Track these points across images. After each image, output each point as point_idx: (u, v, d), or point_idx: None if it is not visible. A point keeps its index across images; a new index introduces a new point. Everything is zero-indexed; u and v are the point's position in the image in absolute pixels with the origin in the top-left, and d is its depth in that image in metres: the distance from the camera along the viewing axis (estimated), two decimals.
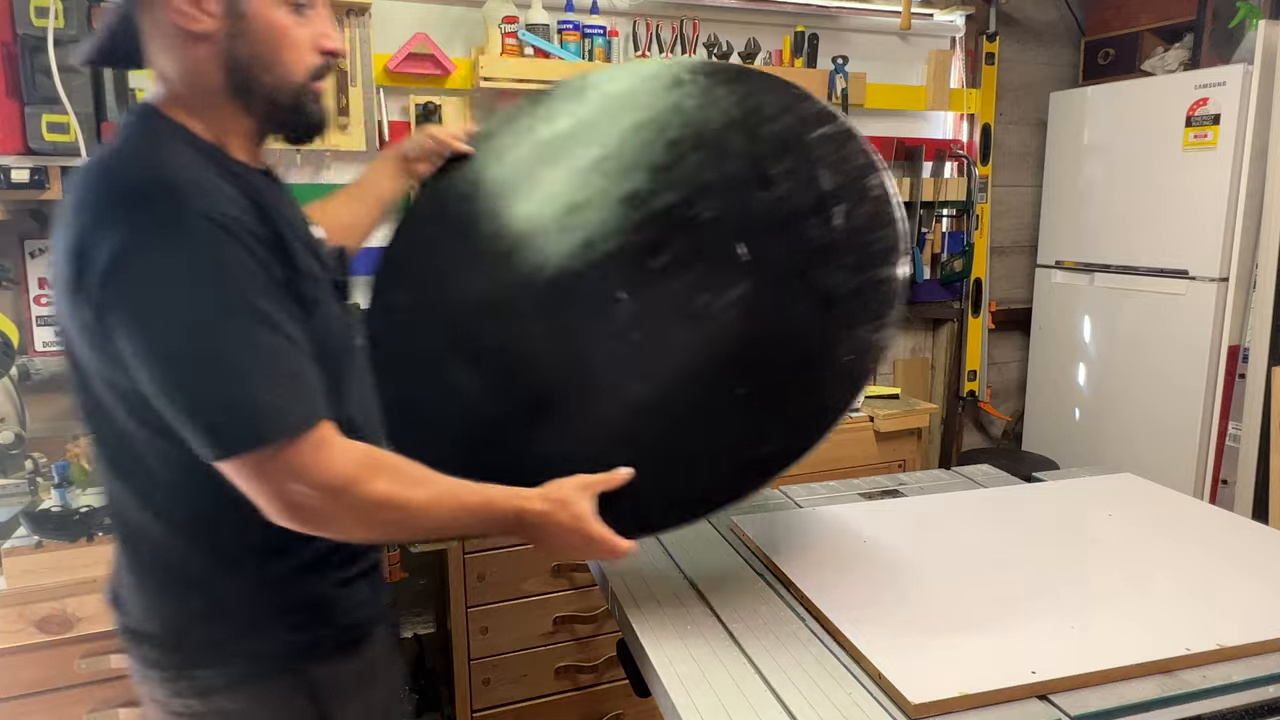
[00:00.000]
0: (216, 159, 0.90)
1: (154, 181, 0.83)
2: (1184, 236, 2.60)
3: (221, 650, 0.92)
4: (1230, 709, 0.88)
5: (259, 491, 0.83)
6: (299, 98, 0.94)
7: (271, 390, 0.82)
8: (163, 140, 0.89)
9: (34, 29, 1.59)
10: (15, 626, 1.35)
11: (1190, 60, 2.80)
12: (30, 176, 1.67)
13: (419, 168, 1.31)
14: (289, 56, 0.91)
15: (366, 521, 0.88)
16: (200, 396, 0.81)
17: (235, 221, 0.83)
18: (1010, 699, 0.88)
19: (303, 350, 0.86)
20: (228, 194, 0.85)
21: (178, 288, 0.80)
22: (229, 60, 0.89)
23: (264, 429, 0.81)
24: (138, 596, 0.94)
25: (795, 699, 0.90)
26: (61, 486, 1.41)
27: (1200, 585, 1.12)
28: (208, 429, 0.81)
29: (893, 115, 2.92)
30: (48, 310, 2.06)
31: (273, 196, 0.94)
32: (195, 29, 0.87)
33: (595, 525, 0.97)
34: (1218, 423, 2.57)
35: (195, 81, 0.90)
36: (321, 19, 0.94)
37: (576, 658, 2.11)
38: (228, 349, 0.81)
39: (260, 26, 0.89)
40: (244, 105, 0.92)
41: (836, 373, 1.00)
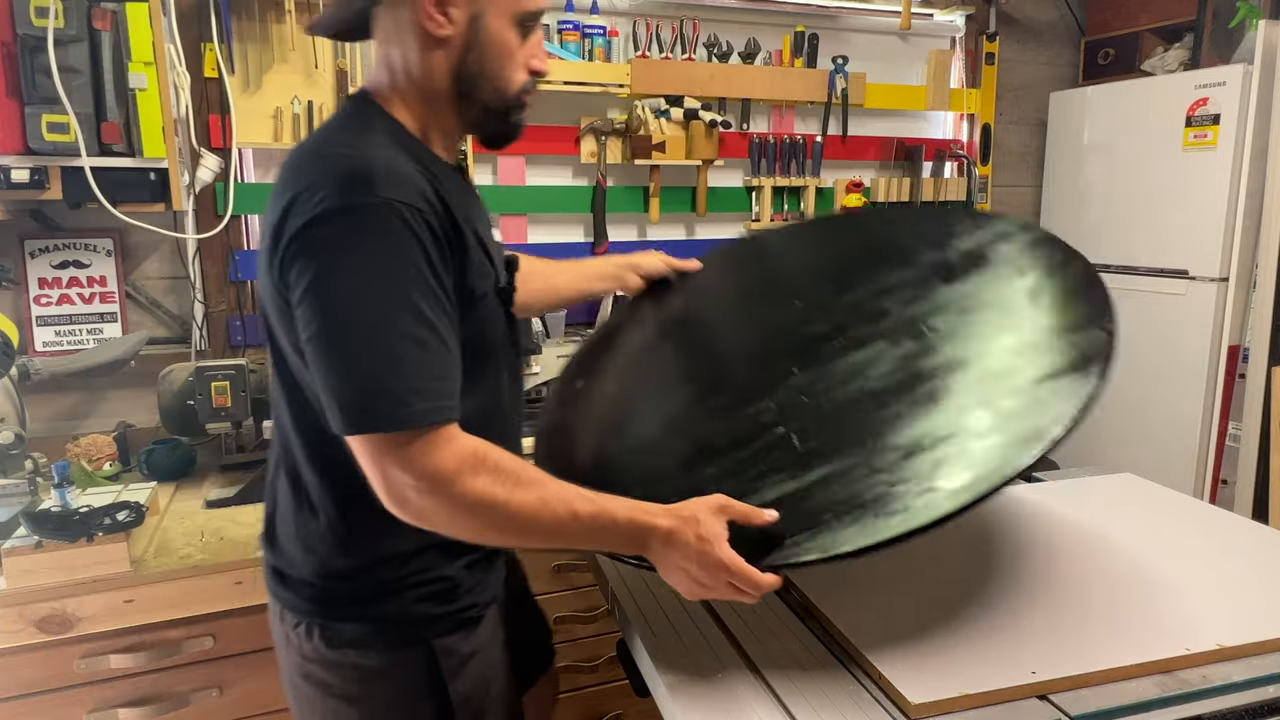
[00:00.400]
0: (416, 152, 0.97)
1: (353, 165, 0.89)
2: (1184, 236, 2.60)
3: (360, 608, 0.99)
4: (1230, 709, 0.88)
5: (370, 472, 0.88)
6: (509, 108, 1.02)
7: (402, 382, 0.85)
8: (371, 128, 0.96)
9: (34, 29, 1.59)
10: (15, 626, 1.35)
11: (1190, 60, 2.80)
12: (30, 176, 1.67)
13: (633, 281, 1.40)
14: (509, 71, 1.00)
15: (462, 518, 0.89)
16: (339, 371, 0.86)
17: (417, 214, 0.88)
18: (1010, 699, 0.88)
19: (447, 351, 0.90)
20: (418, 186, 0.90)
21: (350, 265, 0.86)
22: (459, 66, 0.97)
23: (382, 417, 0.85)
24: (293, 543, 1.01)
25: (795, 699, 0.90)
26: (61, 486, 1.41)
27: (1200, 585, 1.12)
28: (338, 402, 0.86)
29: (893, 115, 2.92)
30: (48, 310, 2.06)
31: (459, 192, 1.00)
32: (437, 34, 0.95)
33: (726, 550, 0.89)
34: (1218, 423, 2.56)
35: (423, 79, 0.98)
36: (536, 43, 1.02)
37: (576, 658, 2.11)
38: (375, 334, 0.86)
39: (492, 41, 0.97)
40: (459, 107, 1.00)
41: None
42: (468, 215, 0.97)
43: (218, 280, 2.18)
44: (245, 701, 1.55)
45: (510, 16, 0.98)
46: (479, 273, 0.98)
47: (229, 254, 2.18)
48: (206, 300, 2.18)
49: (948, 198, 2.94)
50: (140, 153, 1.72)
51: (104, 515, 1.39)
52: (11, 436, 1.61)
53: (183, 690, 1.50)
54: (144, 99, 1.71)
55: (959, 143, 3.01)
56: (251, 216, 2.24)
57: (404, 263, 0.87)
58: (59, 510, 1.38)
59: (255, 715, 1.56)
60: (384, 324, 0.86)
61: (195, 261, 2.17)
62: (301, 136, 2.17)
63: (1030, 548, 1.25)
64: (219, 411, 1.67)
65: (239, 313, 2.21)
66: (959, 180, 2.97)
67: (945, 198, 2.93)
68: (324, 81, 2.18)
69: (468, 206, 1.00)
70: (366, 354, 0.86)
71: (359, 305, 0.86)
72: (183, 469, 1.88)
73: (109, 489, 1.62)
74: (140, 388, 2.12)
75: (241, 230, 2.22)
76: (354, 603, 0.99)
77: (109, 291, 2.11)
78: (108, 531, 1.38)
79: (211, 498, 1.72)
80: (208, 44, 2.06)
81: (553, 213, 2.53)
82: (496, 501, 0.88)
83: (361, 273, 0.86)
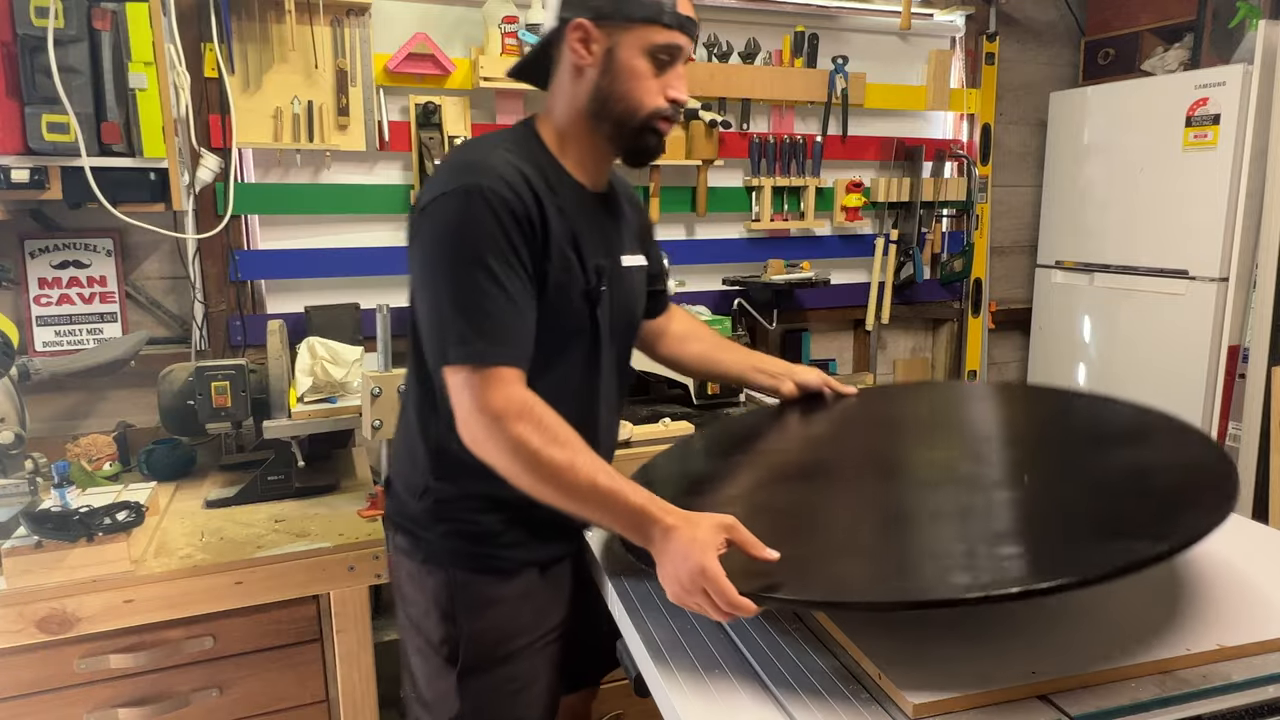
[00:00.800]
0: (542, 163, 1.18)
1: (470, 161, 1.13)
2: (1184, 236, 2.60)
3: (412, 524, 1.24)
4: (1230, 709, 0.87)
5: (452, 399, 1.09)
6: (641, 129, 1.18)
7: (473, 326, 1.06)
8: (511, 138, 1.20)
9: (34, 29, 1.59)
10: (15, 626, 1.35)
11: (1190, 60, 2.80)
12: (30, 176, 1.67)
13: (787, 388, 1.52)
14: (640, 95, 1.16)
15: (500, 454, 1.06)
16: (426, 316, 1.12)
17: (502, 201, 1.08)
18: (1010, 699, 0.88)
19: (516, 307, 1.09)
20: (514, 184, 1.10)
21: (441, 234, 1.09)
22: (595, 90, 1.17)
23: (455, 352, 1.07)
24: (394, 466, 1.30)
25: (794, 699, 0.90)
26: (61, 486, 1.41)
27: (1200, 585, 1.12)
28: (428, 340, 1.13)
29: (893, 115, 2.92)
30: (48, 310, 2.06)
31: (575, 204, 1.19)
32: (581, 64, 1.16)
33: (711, 559, 0.93)
34: (1218, 423, 2.56)
35: (568, 103, 1.20)
36: (676, 75, 1.18)
37: None
38: (453, 285, 1.08)
39: (624, 69, 1.15)
40: (595, 126, 1.19)
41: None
42: (571, 221, 1.17)
43: (218, 280, 2.18)
44: (245, 701, 1.55)
45: (639, 49, 1.15)
46: (560, 266, 1.15)
47: (229, 254, 2.18)
48: (206, 300, 2.18)
49: (948, 197, 2.94)
50: (140, 153, 1.72)
51: (104, 515, 1.39)
52: (11, 436, 1.61)
53: (183, 690, 1.50)
54: (144, 99, 1.71)
55: (959, 143, 3.01)
56: (252, 216, 2.25)
57: (481, 233, 1.07)
58: (59, 510, 1.38)
59: (255, 715, 1.56)
60: (460, 278, 1.07)
61: (195, 261, 2.17)
62: (301, 136, 2.17)
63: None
64: (219, 411, 1.66)
65: (239, 313, 2.21)
66: (959, 180, 2.97)
67: (945, 197, 2.93)
68: (324, 81, 2.18)
69: (580, 217, 1.19)
70: (445, 302, 1.08)
71: (442, 268, 1.09)
72: (183, 469, 1.88)
73: (109, 489, 1.62)
74: (140, 388, 2.12)
75: (241, 230, 2.22)
76: (411, 519, 1.24)
77: (109, 291, 2.11)
78: (108, 531, 1.39)
79: (211, 498, 1.72)
80: (208, 44, 2.06)
81: None
82: (530, 449, 1.03)
83: (447, 239, 1.09)
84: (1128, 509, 1.04)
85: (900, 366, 3.14)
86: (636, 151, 1.22)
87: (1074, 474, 1.18)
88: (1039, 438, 1.37)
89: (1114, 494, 1.09)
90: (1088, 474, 1.17)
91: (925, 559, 1.01)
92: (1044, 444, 1.34)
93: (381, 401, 1.54)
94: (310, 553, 1.52)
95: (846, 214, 2.83)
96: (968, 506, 1.11)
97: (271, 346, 1.70)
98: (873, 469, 1.29)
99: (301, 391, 1.74)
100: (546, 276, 1.14)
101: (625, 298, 1.30)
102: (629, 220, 1.35)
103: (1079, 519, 1.03)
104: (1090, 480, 1.14)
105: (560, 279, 1.16)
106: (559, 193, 1.17)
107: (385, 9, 2.26)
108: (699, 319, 1.55)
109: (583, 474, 1.03)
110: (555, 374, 1.18)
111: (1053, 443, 1.34)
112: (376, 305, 1.56)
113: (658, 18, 1.14)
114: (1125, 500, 1.06)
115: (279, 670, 1.56)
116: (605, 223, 1.27)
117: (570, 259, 1.17)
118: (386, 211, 2.35)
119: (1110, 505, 1.05)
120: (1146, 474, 1.14)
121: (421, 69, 2.25)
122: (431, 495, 1.22)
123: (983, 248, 3.09)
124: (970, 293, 3.11)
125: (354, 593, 1.56)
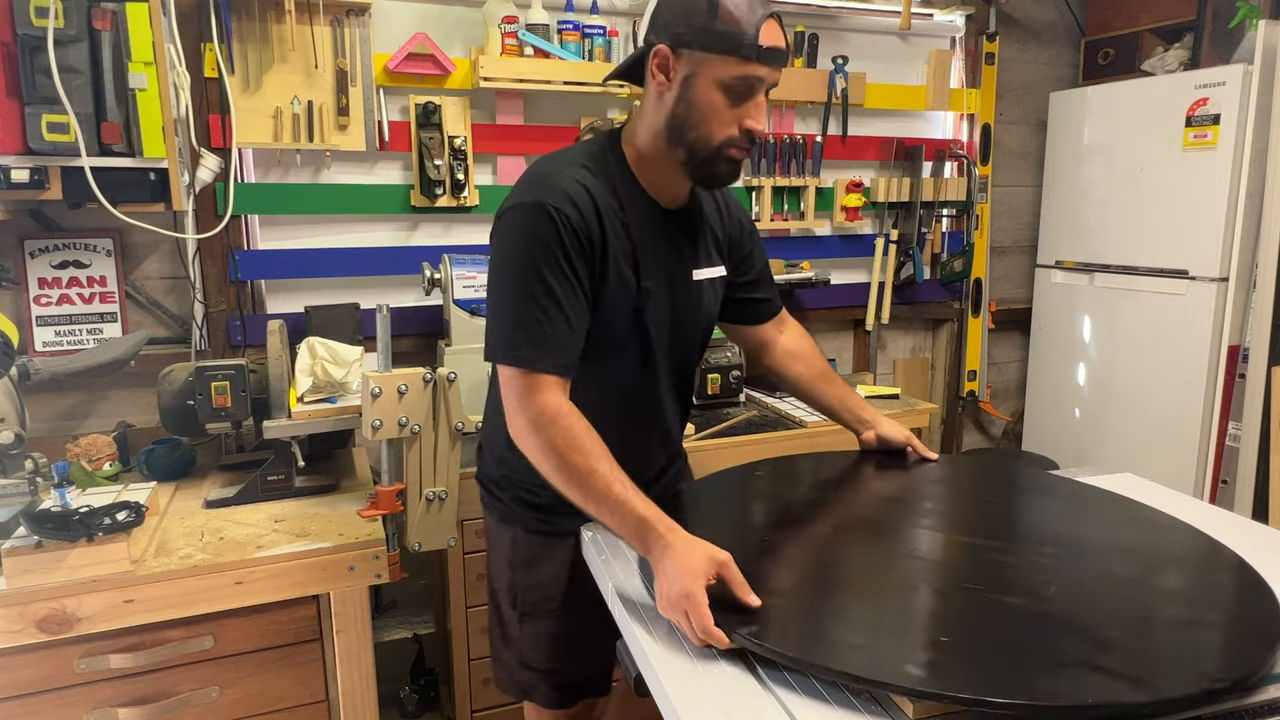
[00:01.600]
0: (616, 180, 1.26)
1: (544, 177, 1.22)
2: (1184, 236, 2.60)
3: (492, 486, 1.44)
4: (1230, 709, 0.87)
5: (501, 394, 1.23)
6: (713, 155, 1.23)
7: (522, 331, 1.18)
8: (591, 154, 1.28)
9: (34, 29, 1.59)
10: (15, 626, 1.35)
11: (1190, 60, 2.80)
12: (30, 176, 1.67)
13: (868, 436, 1.57)
14: (712, 125, 1.20)
15: (532, 451, 1.19)
16: (490, 312, 1.23)
17: (564, 217, 1.17)
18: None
19: (566, 319, 1.19)
20: (579, 202, 1.19)
21: (506, 244, 1.20)
22: (671, 116, 1.22)
23: (500, 352, 1.20)
24: (484, 453, 1.49)
25: (795, 699, 0.90)
26: (61, 486, 1.41)
27: None
28: (487, 334, 1.23)
29: (893, 115, 2.92)
30: (48, 310, 2.07)
31: (644, 219, 1.28)
32: (661, 88, 1.22)
33: (699, 587, 1.00)
34: (1218, 423, 2.57)
35: (648, 124, 1.26)
36: (755, 105, 1.21)
37: None
38: (511, 292, 1.19)
39: (699, 99, 1.19)
40: (670, 147, 1.24)
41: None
42: (635, 237, 1.26)
43: (218, 280, 2.19)
44: (245, 701, 1.55)
45: (716, 80, 1.18)
46: (615, 281, 1.25)
47: (229, 254, 2.18)
48: (206, 300, 2.18)
49: (948, 197, 2.94)
50: (140, 153, 1.72)
51: (104, 515, 1.38)
52: (11, 436, 1.61)
53: (183, 690, 1.50)
54: (144, 99, 1.71)
55: (959, 143, 3.01)
56: (252, 216, 2.25)
57: (542, 247, 1.17)
58: (59, 510, 1.38)
59: (255, 715, 1.56)
60: (518, 286, 1.18)
61: (195, 261, 2.17)
62: (301, 136, 2.18)
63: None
64: (219, 411, 1.66)
65: (239, 313, 2.21)
66: (959, 180, 2.97)
67: (945, 197, 2.94)
68: (324, 81, 2.18)
69: (646, 234, 1.28)
70: (503, 306, 1.20)
71: (502, 276, 1.20)
72: (183, 469, 1.88)
73: (109, 489, 1.62)
74: (140, 388, 2.12)
75: (241, 230, 2.22)
76: (492, 481, 1.44)
77: (109, 291, 2.11)
78: (108, 531, 1.38)
79: (211, 498, 1.72)
80: (208, 44, 2.06)
81: None
82: (558, 453, 1.16)
83: (511, 248, 1.19)
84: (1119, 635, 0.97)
85: (900, 367, 3.14)
86: (708, 178, 1.27)
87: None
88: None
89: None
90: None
91: (917, 641, 0.97)
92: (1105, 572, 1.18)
93: (381, 401, 1.55)
94: (310, 553, 1.52)
95: (846, 214, 2.84)
96: (983, 602, 1.05)
97: (271, 346, 1.70)
98: (912, 541, 1.25)
99: (301, 391, 1.74)
100: (601, 291, 1.24)
101: (689, 310, 1.38)
102: (711, 232, 1.42)
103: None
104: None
105: (615, 293, 1.25)
106: (628, 210, 1.26)
107: (385, 9, 2.26)
108: (810, 339, 1.64)
109: (600, 483, 1.13)
110: (610, 379, 1.30)
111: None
112: (376, 305, 1.56)
113: (736, 50, 1.15)
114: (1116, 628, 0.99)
115: (279, 670, 1.56)
116: (677, 238, 1.35)
117: (626, 276, 1.26)
118: (386, 211, 2.35)
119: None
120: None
121: (421, 69, 2.25)
122: (505, 465, 1.39)
123: (983, 248, 3.09)
124: (970, 293, 3.11)
125: (354, 593, 1.56)
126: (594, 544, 1.31)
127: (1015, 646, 0.94)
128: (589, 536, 1.33)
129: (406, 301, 2.40)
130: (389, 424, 1.56)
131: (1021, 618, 1.00)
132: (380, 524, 1.61)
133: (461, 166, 2.33)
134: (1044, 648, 0.93)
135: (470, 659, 2.03)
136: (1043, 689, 0.85)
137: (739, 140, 1.22)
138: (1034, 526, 1.36)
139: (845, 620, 1.05)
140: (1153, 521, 1.33)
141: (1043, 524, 1.36)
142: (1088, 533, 1.28)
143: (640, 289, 1.28)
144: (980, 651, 0.94)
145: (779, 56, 1.19)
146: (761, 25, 1.15)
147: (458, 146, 2.32)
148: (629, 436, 1.29)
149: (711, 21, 1.15)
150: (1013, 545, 1.24)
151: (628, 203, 1.26)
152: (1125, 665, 0.90)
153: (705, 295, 1.42)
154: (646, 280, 1.28)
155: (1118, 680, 0.87)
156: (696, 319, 1.42)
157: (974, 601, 1.05)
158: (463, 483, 1.70)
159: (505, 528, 1.42)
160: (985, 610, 1.03)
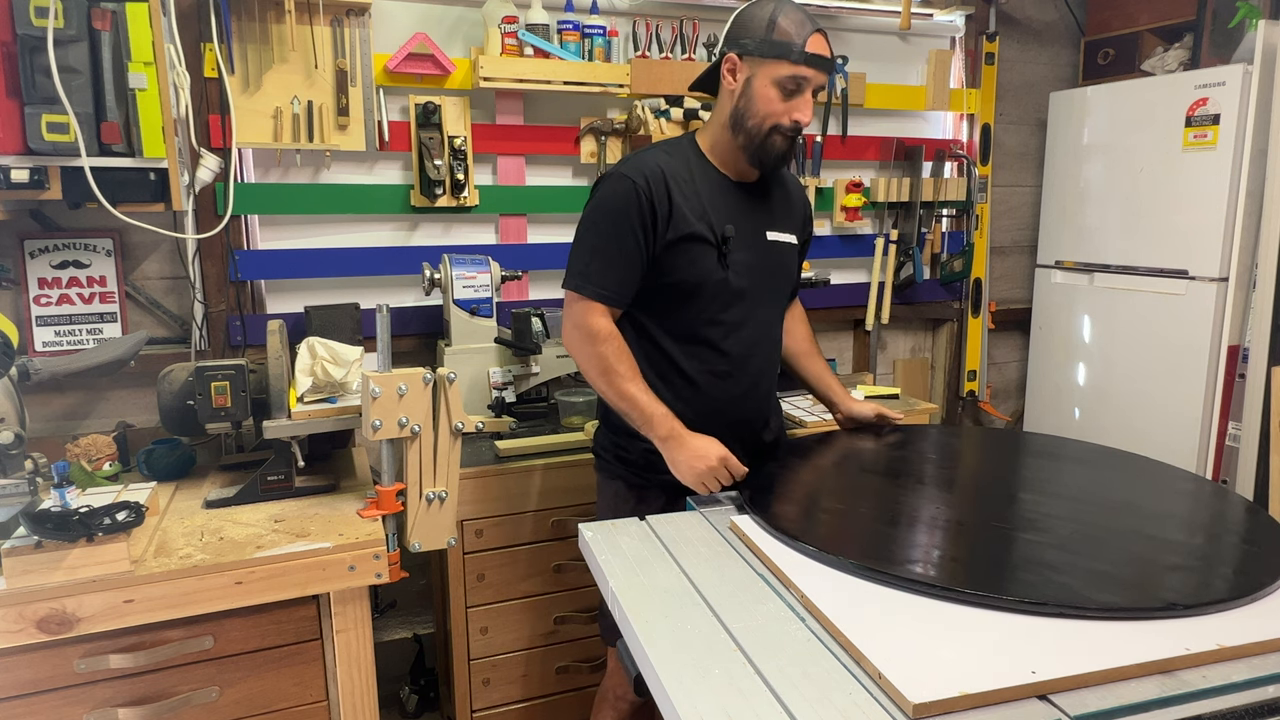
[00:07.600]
0: (690, 160, 1.60)
1: (632, 158, 1.58)
2: (1184, 236, 2.60)
3: (599, 448, 1.73)
4: (1230, 709, 0.87)
5: (564, 312, 1.59)
6: (766, 137, 1.54)
7: (588, 265, 1.54)
8: (673, 144, 1.64)
9: (34, 29, 1.59)
10: (15, 626, 1.35)
11: (1190, 60, 2.80)
12: (30, 176, 1.67)
13: (867, 415, 1.82)
14: (764, 114, 1.52)
15: (584, 360, 1.56)
16: (572, 250, 1.58)
17: (643, 185, 1.51)
18: (1010, 699, 0.88)
19: (624, 262, 1.53)
20: (651, 175, 1.52)
21: (595, 201, 1.56)
22: (735, 109, 1.55)
23: (571, 280, 1.56)
24: (600, 413, 1.76)
25: (795, 699, 0.90)
26: (61, 486, 1.40)
27: None
28: (568, 264, 1.57)
29: (893, 115, 2.92)
30: (47, 310, 2.07)
31: (714, 192, 1.59)
32: (729, 88, 1.56)
33: (727, 451, 1.47)
34: (1218, 423, 2.56)
35: (719, 116, 1.60)
36: (803, 101, 1.53)
37: (576, 658, 2.11)
38: (586, 236, 1.56)
39: (756, 94, 1.53)
40: (734, 136, 1.57)
41: None
42: (705, 198, 1.56)
43: (218, 280, 2.19)
44: (245, 701, 1.55)
45: (770, 79, 1.51)
46: (687, 228, 1.53)
47: (229, 254, 2.18)
48: (206, 300, 2.18)
49: (948, 197, 2.94)
50: (140, 153, 1.72)
51: (104, 515, 1.38)
52: (11, 436, 1.60)
53: (182, 690, 1.50)
54: (144, 99, 1.71)
55: (959, 143, 3.01)
56: (251, 216, 2.25)
57: (616, 206, 1.52)
58: (59, 510, 1.38)
59: (255, 715, 1.56)
60: (592, 232, 1.55)
61: (195, 261, 2.17)
62: (301, 136, 2.18)
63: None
64: (219, 411, 1.66)
65: (239, 313, 2.21)
66: (959, 180, 2.97)
67: (945, 197, 2.94)
68: (324, 81, 2.18)
69: (717, 196, 1.59)
70: (579, 245, 1.56)
71: (587, 220, 1.56)
72: (183, 469, 1.88)
73: (109, 489, 1.62)
74: (140, 388, 2.12)
75: (241, 230, 2.22)
76: (599, 442, 1.73)
77: (109, 291, 2.11)
78: (108, 531, 1.38)
79: (211, 498, 1.72)
80: (208, 44, 2.06)
81: (552, 213, 2.53)
82: (600, 362, 1.53)
83: (595, 205, 1.56)
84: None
85: (900, 367, 3.14)
86: (763, 154, 1.56)
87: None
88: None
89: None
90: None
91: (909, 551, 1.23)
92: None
93: (381, 401, 1.55)
94: (310, 553, 1.52)
95: (846, 214, 2.84)
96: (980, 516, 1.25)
97: (271, 346, 1.70)
98: (926, 482, 1.54)
99: (301, 391, 1.74)
100: (680, 236, 1.53)
101: (766, 261, 1.64)
102: (781, 204, 1.71)
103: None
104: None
105: (696, 238, 1.54)
106: (698, 180, 1.58)
107: (385, 9, 2.26)
108: (806, 321, 1.94)
109: (627, 385, 1.51)
110: (684, 325, 1.59)
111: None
112: (376, 305, 1.56)
113: (787, 55, 1.48)
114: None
115: (279, 670, 1.56)
116: (745, 202, 1.63)
117: (696, 224, 1.54)
118: (386, 211, 2.35)
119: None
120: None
121: (421, 69, 2.25)
122: (609, 426, 1.69)
123: (982, 248, 3.09)
124: (970, 293, 3.11)
125: (354, 593, 1.56)
126: (594, 543, 1.31)
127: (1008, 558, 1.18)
128: (589, 536, 1.33)
129: (406, 301, 2.40)
130: (389, 424, 1.56)
131: (1029, 546, 1.22)
132: (380, 524, 1.61)
133: (461, 166, 2.33)
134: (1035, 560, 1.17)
135: (470, 659, 2.03)
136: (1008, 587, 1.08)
137: (786, 128, 1.53)
138: (1081, 488, 1.51)
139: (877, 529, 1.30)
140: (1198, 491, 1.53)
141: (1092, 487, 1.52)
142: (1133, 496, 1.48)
143: (718, 235, 1.55)
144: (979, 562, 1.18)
145: (823, 62, 1.50)
146: (809, 37, 1.49)
147: (457, 146, 2.32)
148: (737, 374, 1.62)
149: (769, 35, 1.49)
150: (1051, 501, 1.41)
151: (699, 175, 1.58)
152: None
153: (783, 254, 1.69)
154: (720, 227, 1.56)
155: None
156: (775, 271, 1.68)
157: (995, 535, 1.27)
158: (462, 483, 1.70)
159: (610, 482, 1.69)
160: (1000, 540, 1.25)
